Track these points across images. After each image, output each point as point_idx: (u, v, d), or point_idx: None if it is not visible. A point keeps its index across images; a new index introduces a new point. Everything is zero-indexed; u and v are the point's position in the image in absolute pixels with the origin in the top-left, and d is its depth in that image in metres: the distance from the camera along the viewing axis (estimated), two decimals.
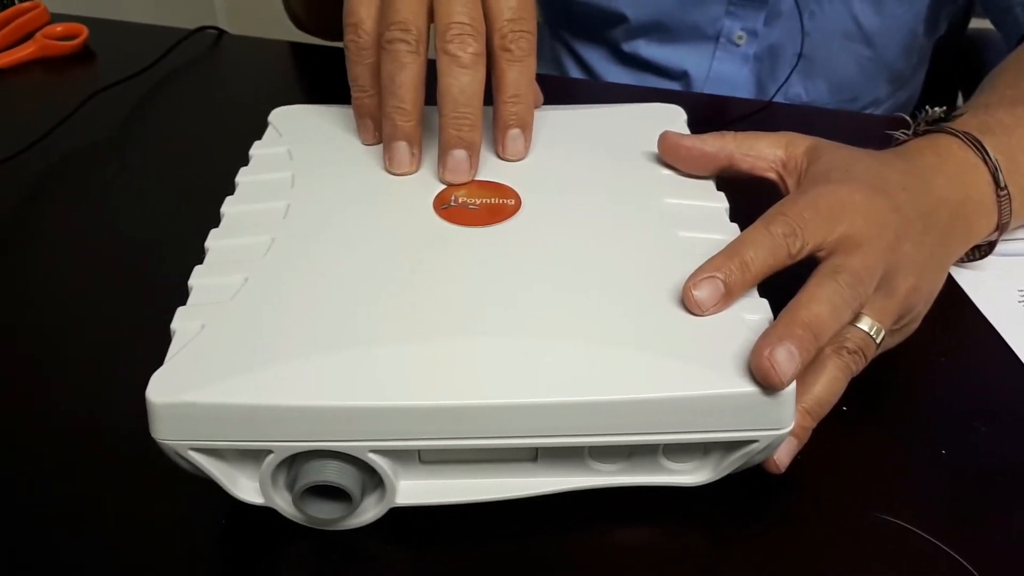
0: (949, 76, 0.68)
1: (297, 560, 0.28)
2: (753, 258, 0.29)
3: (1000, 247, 0.40)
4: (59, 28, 0.60)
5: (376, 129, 0.37)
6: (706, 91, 0.66)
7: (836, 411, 0.30)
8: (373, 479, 0.27)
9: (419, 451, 0.28)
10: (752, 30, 0.64)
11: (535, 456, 0.28)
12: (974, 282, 0.40)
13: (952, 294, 0.39)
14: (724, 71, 0.65)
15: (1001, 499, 0.30)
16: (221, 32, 0.61)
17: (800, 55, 0.60)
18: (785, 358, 0.26)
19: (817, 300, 0.28)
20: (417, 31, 0.35)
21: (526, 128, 0.37)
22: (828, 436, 0.30)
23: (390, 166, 0.36)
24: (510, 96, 0.36)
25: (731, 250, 0.29)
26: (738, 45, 0.65)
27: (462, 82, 0.34)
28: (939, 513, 0.29)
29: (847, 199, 0.31)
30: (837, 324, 0.28)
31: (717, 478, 0.29)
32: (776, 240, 0.30)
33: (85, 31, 0.60)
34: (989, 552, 0.28)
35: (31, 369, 0.35)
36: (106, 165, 0.49)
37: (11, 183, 0.47)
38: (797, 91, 0.65)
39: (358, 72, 0.37)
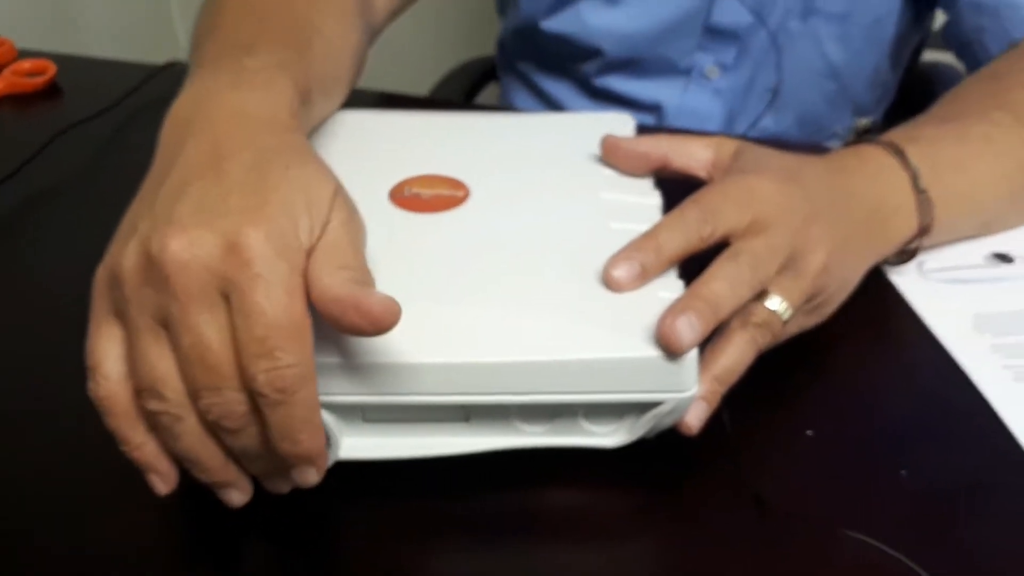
0: (902, 105, 0.79)
1: (254, 515, 0.36)
2: (667, 242, 0.39)
3: (955, 273, 0.50)
4: (27, 64, 0.72)
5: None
6: (678, 123, 0.77)
7: (800, 435, 0.40)
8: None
9: (363, 410, 0.36)
10: (724, 64, 0.75)
11: (467, 417, 0.37)
12: (930, 307, 0.48)
13: (907, 319, 0.48)
14: (695, 104, 0.76)
15: (960, 516, 0.38)
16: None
17: (772, 90, 0.71)
18: (685, 327, 0.35)
19: (717, 278, 0.37)
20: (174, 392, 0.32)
21: None
22: (794, 456, 0.39)
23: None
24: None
25: (648, 235, 0.39)
26: (710, 79, 0.76)
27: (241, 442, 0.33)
28: (901, 528, 0.37)
29: (757, 187, 0.40)
30: (736, 300, 0.37)
31: (632, 440, 0.38)
32: (688, 225, 0.39)
33: (53, 68, 0.71)
34: (952, 566, 0.35)
35: None
36: (75, 202, 0.59)
37: None
38: (766, 123, 0.76)
39: (114, 425, 0.33)
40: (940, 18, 0.70)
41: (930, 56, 0.85)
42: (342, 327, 0.32)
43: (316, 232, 0.33)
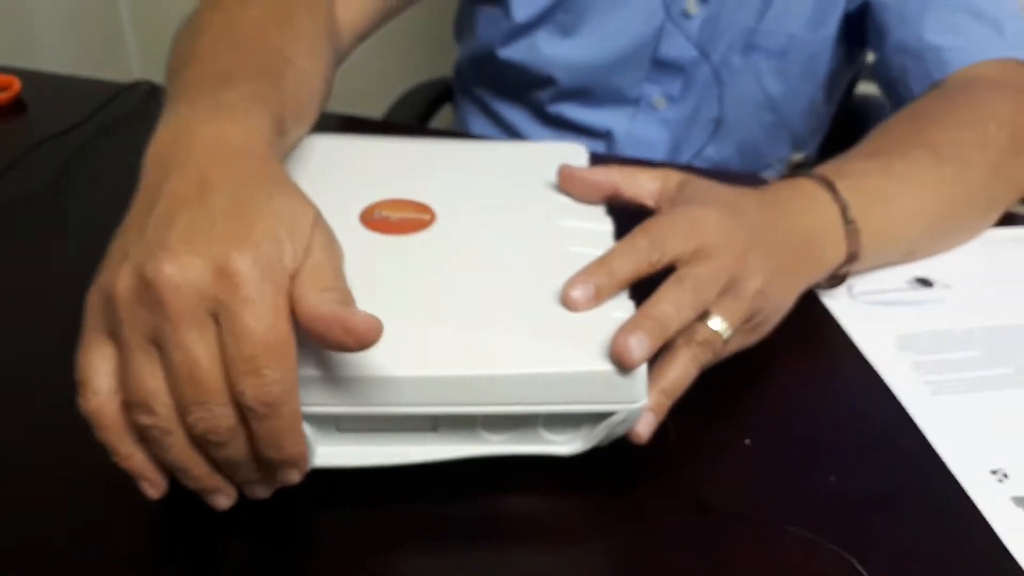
0: (837, 136, 0.84)
1: (236, 518, 0.38)
2: (619, 267, 0.42)
3: (881, 296, 0.55)
4: None
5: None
6: (627, 150, 0.81)
7: (740, 444, 0.44)
8: None
9: (336, 420, 0.39)
10: (670, 95, 0.79)
11: (435, 427, 0.40)
12: (858, 328, 0.53)
13: (838, 338, 0.52)
14: (643, 132, 0.81)
15: (885, 514, 0.41)
16: (154, 86, 0.74)
17: (715, 120, 0.75)
18: (636, 344, 0.38)
19: (664, 300, 0.41)
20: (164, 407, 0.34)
21: None
22: (733, 463, 0.43)
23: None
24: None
25: (601, 260, 0.42)
26: (657, 109, 0.80)
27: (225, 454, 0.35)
28: (832, 526, 0.40)
29: (701, 218, 0.44)
30: (681, 320, 0.41)
31: (587, 448, 0.41)
32: (639, 252, 0.42)
33: (18, 83, 0.72)
34: (879, 558, 0.39)
35: None
36: (45, 216, 0.60)
37: None
38: (709, 152, 0.80)
39: (104, 437, 0.35)
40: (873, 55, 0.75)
41: (863, 88, 0.91)
42: (328, 344, 0.34)
43: (299, 256, 0.35)
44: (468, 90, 0.91)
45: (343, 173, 0.51)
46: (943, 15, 0.67)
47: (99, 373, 0.35)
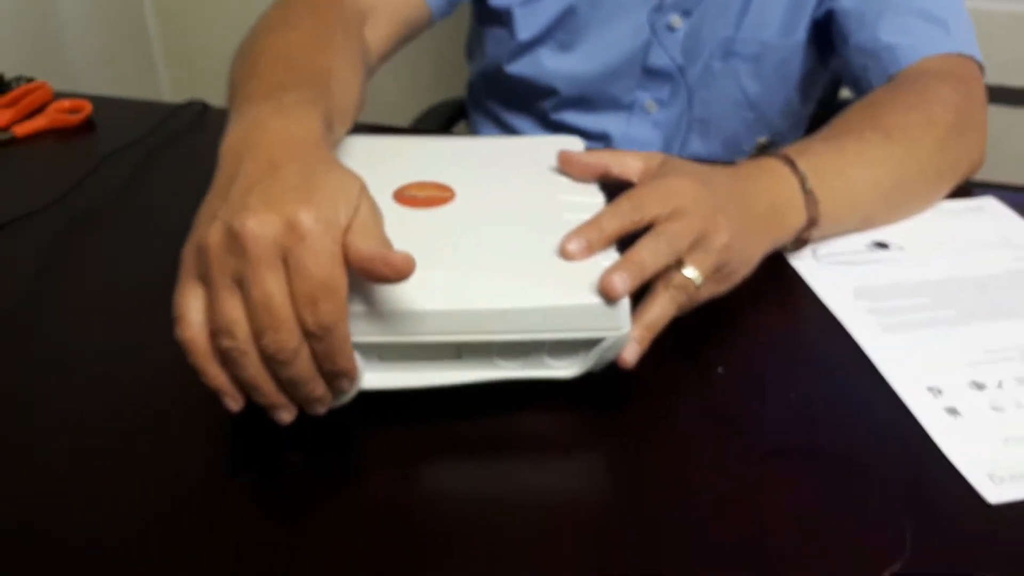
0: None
1: (296, 435, 0.47)
2: (607, 224, 0.51)
3: (842, 257, 0.63)
4: (66, 103, 0.83)
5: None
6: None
7: (714, 372, 0.52)
8: None
9: (379, 350, 0.47)
10: (660, 100, 0.88)
11: (459, 355, 0.48)
12: (822, 283, 0.61)
13: (802, 290, 0.60)
14: (637, 134, 0.89)
15: (834, 422, 0.50)
16: (205, 105, 0.84)
17: (701, 120, 0.84)
18: (619, 280, 0.47)
19: (642, 249, 0.49)
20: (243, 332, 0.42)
21: None
22: (709, 388, 0.51)
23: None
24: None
25: (593, 220, 0.51)
26: (649, 112, 0.89)
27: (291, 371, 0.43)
28: (792, 428, 0.49)
29: (676, 185, 0.53)
30: (656, 264, 0.49)
31: (584, 371, 0.49)
32: (623, 213, 0.51)
33: (89, 106, 0.82)
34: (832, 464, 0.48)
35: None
36: (113, 223, 0.69)
37: (31, 238, 0.66)
38: (697, 148, 0.89)
39: (195, 361, 0.44)
40: None
41: (846, 93, 1.00)
42: (373, 277, 0.43)
43: (350, 215, 0.44)
44: (480, 103, 1.01)
45: (378, 163, 0.60)
46: (896, 18, 0.75)
47: (192, 310, 0.43)
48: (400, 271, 0.42)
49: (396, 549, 0.42)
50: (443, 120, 1.13)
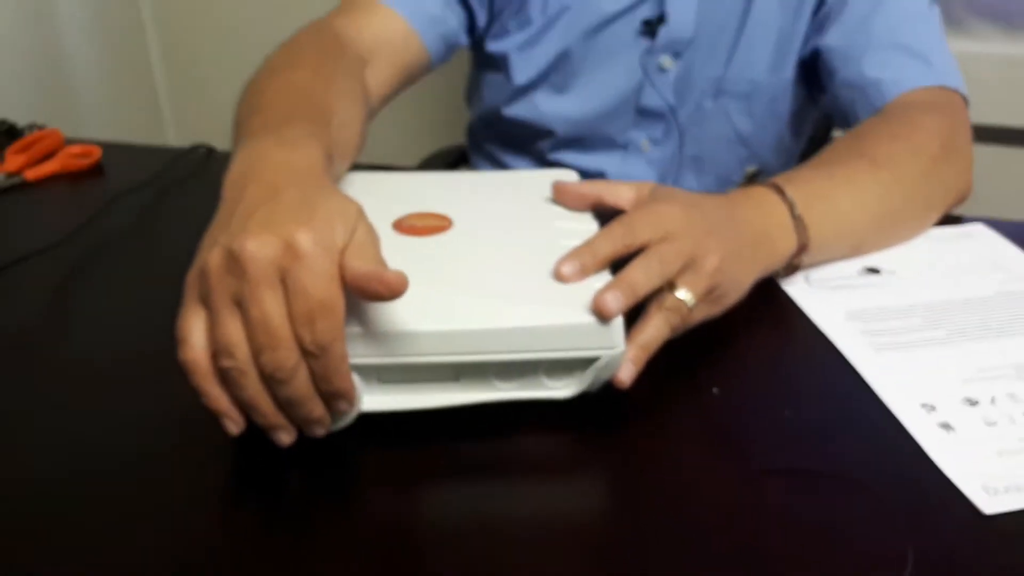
0: None
1: (295, 457, 0.47)
2: (600, 248, 0.52)
3: (834, 282, 0.64)
4: (76, 149, 0.85)
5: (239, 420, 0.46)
6: None
7: (708, 392, 0.53)
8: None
9: (378, 372, 0.48)
10: (654, 138, 0.90)
11: (457, 376, 0.49)
12: (814, 307, 0.62)
13: (795, 314, 0.61)
14: (632, 172, 0.91)
15: (830, 439, 0.50)
16: (210, 149, 0.86)
17: (695, 157, 0.86)
18: (611, 299, 0.48)
19: (634, 270, 0.50)
20: (242, 352, 0.43)
21: None
22: (704, 408, 0.52)
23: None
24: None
25: (587, 243, 0.52)
26: (644, 151, 0.91)
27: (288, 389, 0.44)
28: (790, 447, 0.49)
29: (667, 211, 0.54)
30: (648, 285, 0.50)
31: (580, 391, 0.50)
32: (616, 237, 0.52)
33: (99, 151, 0.84)
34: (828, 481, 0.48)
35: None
36: (122, 259, 0.71)
37: (42, 274, 0.68)
38: (690, 183, 0.90)
39: (196, 382, 0.45)
40: None
41: (840, 133, 1.02)
42: (368, 295, 0.44)
43: (347, 237, 0.45)
44: (479, 146, 1.03)
45: (379, 195, 0.61)
46: (879, 54, 0.78)
47: (194, 332, 0.44)
48: (394, 289, 0.43)
49: (395, 570, 0.43)
50: (445, 166, 1.16)
